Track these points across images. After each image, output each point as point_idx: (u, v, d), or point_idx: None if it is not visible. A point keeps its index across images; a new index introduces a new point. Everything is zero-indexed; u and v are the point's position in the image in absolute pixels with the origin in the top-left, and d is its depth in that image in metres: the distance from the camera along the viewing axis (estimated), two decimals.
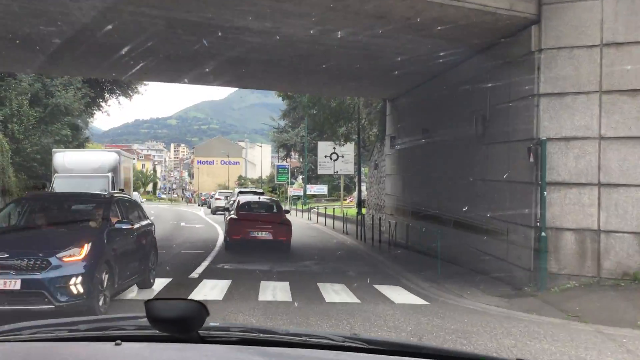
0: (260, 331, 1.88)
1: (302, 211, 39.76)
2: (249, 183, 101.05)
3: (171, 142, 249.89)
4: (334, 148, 35.24)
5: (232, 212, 18.33)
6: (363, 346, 1.75)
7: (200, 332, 1.70)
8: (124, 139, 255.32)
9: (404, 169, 20.61)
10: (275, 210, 18.35)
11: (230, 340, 1.76)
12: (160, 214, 38.04)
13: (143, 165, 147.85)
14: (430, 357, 1.72)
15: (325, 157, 35.32)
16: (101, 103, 34.71)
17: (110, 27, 10.97)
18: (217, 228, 26.44)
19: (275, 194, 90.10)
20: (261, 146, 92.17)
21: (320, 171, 35.77)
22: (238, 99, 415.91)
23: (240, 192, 30.25)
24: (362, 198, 31.29)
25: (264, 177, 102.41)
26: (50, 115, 26.48)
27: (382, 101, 23.96)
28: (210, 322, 1.75)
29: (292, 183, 57.68)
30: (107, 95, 34.51)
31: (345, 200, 55.43)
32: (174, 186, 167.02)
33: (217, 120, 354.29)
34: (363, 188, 34.20)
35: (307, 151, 61.87)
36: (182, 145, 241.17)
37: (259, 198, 20.38)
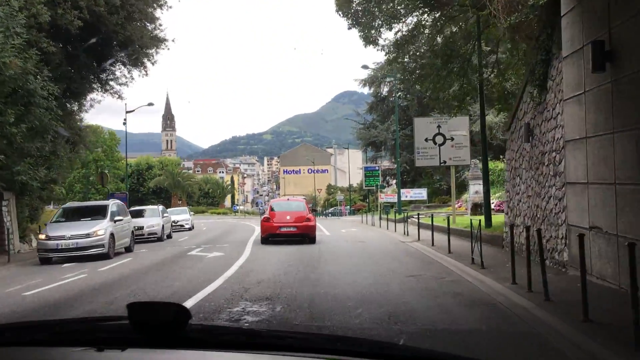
0: (243, 333, 1.84)
1: (396, 222, 27.60)
2: (339, 192, 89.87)
3: (266, 156, 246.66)
4: (439, 127, 22.87)
5: (265, 214, 21.08)
6: (346, 348, 1.67)
7: (182, 335, 1.62)
8: (223, 155, 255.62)
9: None
10: (301, 209, 20.54)
11: (212, 343, 1.68)
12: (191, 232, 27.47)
13: (231, 179, 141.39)
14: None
15: (427, 140, 23.01)
16: (109, 81, 24.30)
17: None
18: (247, 251, 15.62)
19: (366, 202, 78.07)
20: (347, 148, 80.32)
21: (419, 162, 23.46)
22: (330, 111, 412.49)
23: None
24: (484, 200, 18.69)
25: (354, 184, 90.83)
26: None
27: None
28: (193, 324, 1.65)
29: (384, 187, 45.20)
30: (114, 69, 24.04)
31: (451, 206, 42.57)
32: (267, 199, 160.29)
33: (310, 133, 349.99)
34: (473, 185, 21.54)
35: (400, 148, 49.57)
36: (275, 158, 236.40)
37: (288, 200, 23.04)
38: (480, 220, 14.12)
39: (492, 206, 25.44)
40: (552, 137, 12.37)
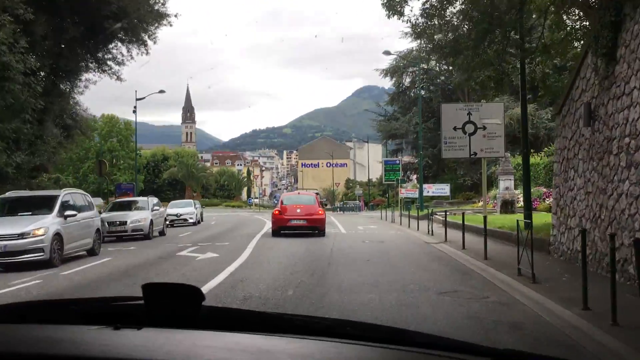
0: (254, 315, 1.83)
1: (418, 219, 25.00)
2: (357, 186, 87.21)
3: (285, 150, 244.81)
4: (469, 114, 20.21)
5: (277, 207, 21.26)
6: (355, 332, 1.63)
7: (196, 316, 1.62)
8: (242, 148, 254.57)
9: None
10: (311, 202, 20.65)
11: (228, 325, 1.67)
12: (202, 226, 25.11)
13: (247, 171, 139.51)
14: (423, 346, 1.56)
15: (456, 129, 20.32)
16: (106, 60, 22.04)
17: None
18: (247, 251, 13.18)
19: (385, 197, 75.21)
20: (367, 141, 77.67)
21: (446, 154, 20.75)
22: (351, 106, 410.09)
23: None
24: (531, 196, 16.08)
25: (373, 179, 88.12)
26: None
27: None
28: (206, 306, 1.64)
29: (404, 182, 42.42)
30: (110, 46, 21.79)
31: (476, 202, 39.73)
32: (285, 192, 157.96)
33: (330, 127, 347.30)
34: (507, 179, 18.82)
35: (423, 140, 46.73)
36: (295, 152, 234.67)
37: (298, 193, 25.32)
38: (518, 220, 11.45)
39: (522, 204, 22.77)
40: (623, 118, 9.71)
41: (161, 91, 41.00)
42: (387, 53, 36.34)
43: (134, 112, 40.70)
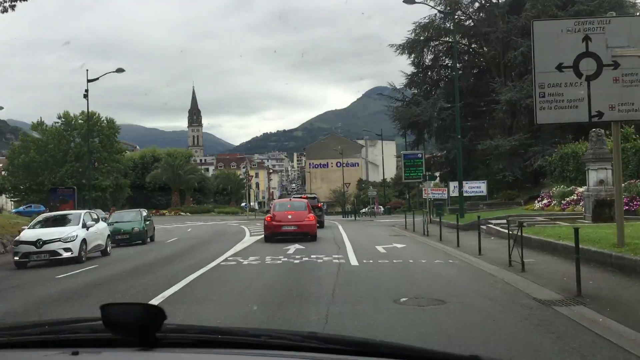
0: (219, 332, 1.76)
1: (458, 229, 15.45)
2: (370, 187, 77.33)
3: (295, 152, 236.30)
4: (588, 39, 10.52)
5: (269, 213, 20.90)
6: (321, 345, 1.64)
7: (157, 334, 1.57)
8: (253, 152, 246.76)
9: None
10: (302, 209, 20.19)
11: (188, 343, 1.64)
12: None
13: (256, 174, 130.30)
14: (387, 356, 1.59)
15: (561, 69, 10.57)
16: None
17: None
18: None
19: (404, 199, 65.27)
20: (381, 135, 67.75)
21: (544, 116, 10.75)
22: (361, 107, 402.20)
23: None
24: None
25: (388, 179, 78.22)
26: None
27: None
28: (167, 324, 1.58)
29: (434, 178, 32.23)
30: None
31: (531, 203, 29.43)
32: (294, 195, 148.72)
33: (341, 129, 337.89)
34: None
35: (448, 130, 36.78)
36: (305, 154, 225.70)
37: (290, 200, 23.77)
38: None
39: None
40: None
41: (119, 69, 31.69)
42: (409, 1, 26.45)
43: (85, 96, 31.49)
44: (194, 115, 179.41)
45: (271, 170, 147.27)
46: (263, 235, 20.18)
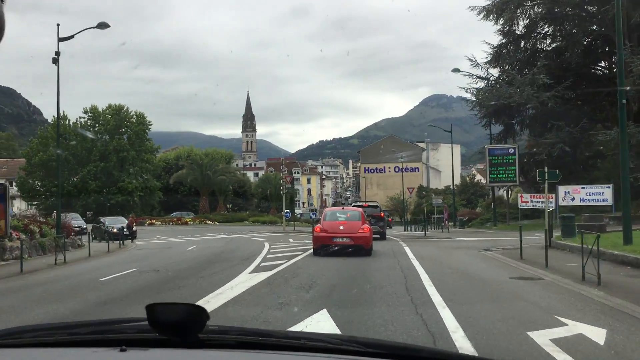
0: (259, 334, 1.76)
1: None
2: (432, 194, 66.27)
3: (351, 159, 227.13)
4: None
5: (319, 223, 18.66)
6: (360, 349, 1.63)
7: (200, 335, 1.58)
8: (308, 159, 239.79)
9: None
10: (356, 219, 17.83)
11: (230, 344, 1.65)
12: None
13: (308, 180, 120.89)
14: None
15: None
16: None
17: None
18: None
19: (479, 209, 53.97)
20: (450, 130, 56.51)
21: None
22: (418, 115, 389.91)
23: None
24: None
25: (450, 186, 66.72)
26: None
27: None
28: (210, 325, 1.60)
29: (558, 176, 21.41)
30: None
31: None
32: (351, 202, 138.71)
33: (397, 137, 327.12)
34: None
35: (555, 118, 25.21)
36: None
37: (342, 208, 20.58)
38: None
39: None
40: None
41: (101, 24, 22.74)
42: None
43: (55, 62, 22.68)
44: (248, 121, 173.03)
45: (324, 177, 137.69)
46: (311, 250, 17.78)
